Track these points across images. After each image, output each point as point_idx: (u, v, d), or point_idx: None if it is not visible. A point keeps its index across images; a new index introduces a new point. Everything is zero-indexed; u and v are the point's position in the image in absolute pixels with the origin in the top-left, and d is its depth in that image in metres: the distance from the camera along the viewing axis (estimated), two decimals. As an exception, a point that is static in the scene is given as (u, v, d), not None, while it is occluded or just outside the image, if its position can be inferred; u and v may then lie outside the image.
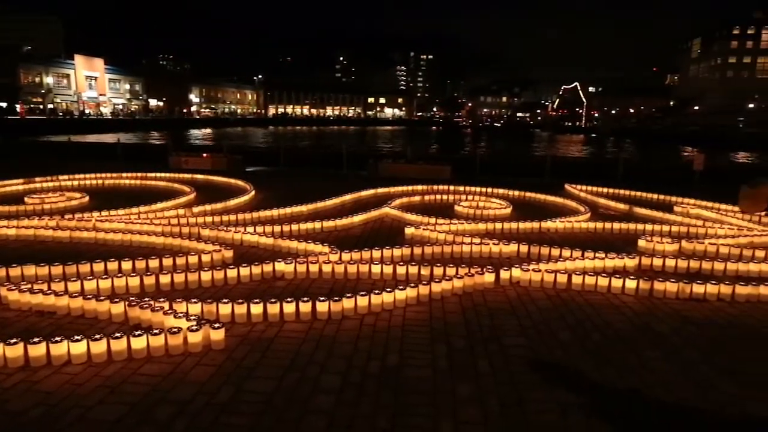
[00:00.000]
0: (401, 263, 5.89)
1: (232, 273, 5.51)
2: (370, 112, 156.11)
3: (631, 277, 5.61)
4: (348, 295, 4.78)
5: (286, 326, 4.47)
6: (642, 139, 68.67)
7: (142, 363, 3.75)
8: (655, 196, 11.70)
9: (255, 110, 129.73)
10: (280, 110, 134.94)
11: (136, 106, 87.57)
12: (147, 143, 36.52)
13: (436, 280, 5.29)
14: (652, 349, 4.17)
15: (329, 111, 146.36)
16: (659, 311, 5.03)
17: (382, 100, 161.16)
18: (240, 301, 4.57)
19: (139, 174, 13.21)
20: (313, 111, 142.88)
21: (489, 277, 5.58)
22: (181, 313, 4.30)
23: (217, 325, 4.05)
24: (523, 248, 6.79)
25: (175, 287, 5.29)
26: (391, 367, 3.78)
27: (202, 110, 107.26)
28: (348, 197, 10.66)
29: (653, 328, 4.62)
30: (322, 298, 4.67)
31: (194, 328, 3.95)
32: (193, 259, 5.96)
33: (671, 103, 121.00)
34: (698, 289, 5.41)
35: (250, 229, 7.49)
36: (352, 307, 4.73)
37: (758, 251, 6.89)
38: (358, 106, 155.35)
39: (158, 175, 13.36)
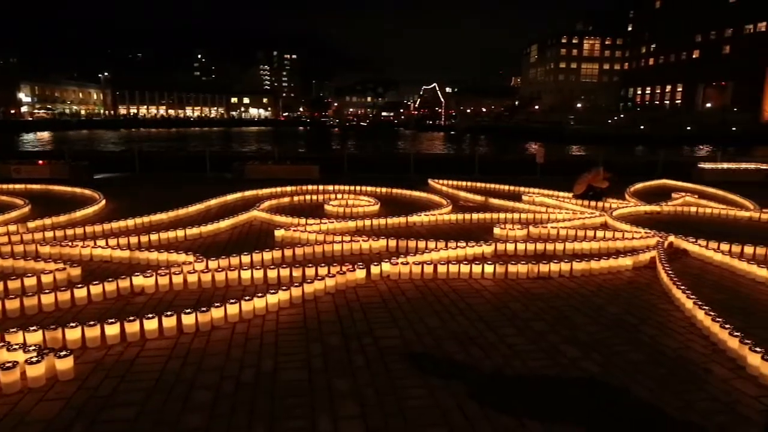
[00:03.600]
0: (272, 266, 5.76)
1: (80, 292, 4.94)
2: (234, 113, 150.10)
3: (489, 262, 6.13)
4: (216, 304, 4.56)
5: (148, 345, 4.13)
6: (494, 135, 75.27)
7: (-33, 408, 3.20)
8: (506, 187, 12.89)
9: (102, 111, 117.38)
10: (133, 111, 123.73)
11: (-54, 107, 74.28)
12: (-36, 150, 31.10)
13: (309, 280, 5.27)
14: (509, 326, 4.60)
15: (189, 112, 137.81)
16: (513, 291, 5.56)
17: (246, 100, 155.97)
18: (91, 323, 4.11)
19: (-46, 187, 11.22)
20: (171, 112, 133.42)
21: (360, 274, 5.71)
22: (17, 344, 3.75)
23: (63, 353, 3.60)
24: (392, 243, 7.04)
25: (7, 315, 4.59)
26: (266, 372, 3.69)
27: (36, 111, 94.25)
28: (213, 202, 10.15)
29: (509, 306, 5.09)
30: (188, 310, 4.40)
31: (34, 359, 3.47)
32: (30, 281, 5.23)
33: (516, 102, 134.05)
34: (544, 268, 6.08)
35: (101, 242, 6.77)
36: (221, 316, 4.52)
37: (589, 231, 7.95)
38: (221, 106, 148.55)
39: (-20, 187, 11.46)
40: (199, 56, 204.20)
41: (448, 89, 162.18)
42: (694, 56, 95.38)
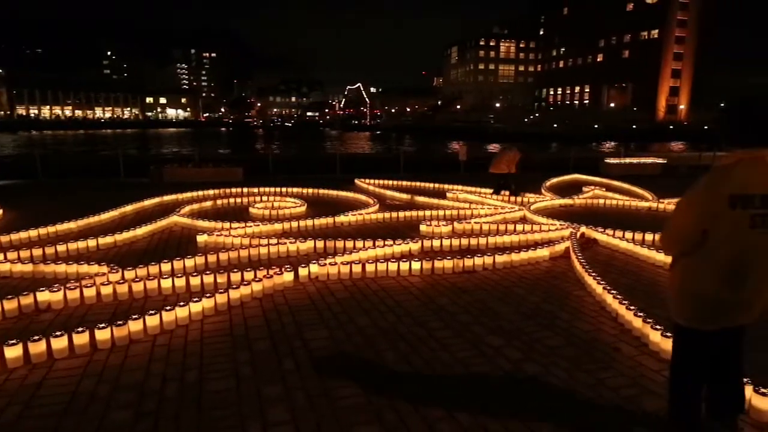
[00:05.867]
0: (195, 273, 5.53)
1: (-25, 313, 4.48)
2: (150, 114, 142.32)
3: (416, 259, 6.24)
4: (134, 316, 4.31)
5: (57, 365, 3.82)
6: (419, 135, 76.78)
7: None
8: (431, 185, 13.20)
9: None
10: (33, 112, 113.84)
11: None
12: None
13: (234, 286, 5.11)
14: (436, 320, 4.72)
15: (99, 113, 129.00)
16: (440, 286, 5.71)
17: (163, 100, 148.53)
18: (-11, 345, 3.75)
19: None
20: (78, 113, 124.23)
21: (288, 276, 5.61)
22: None
23: (-44, 380, 3.26)
24: (320, 244, 6.99)
25: None
26: (191, 384, 3.54)
27: None
28: (128, 208, 9.57)
29: (435, 301, 5.22)
30: (102, 325, 4.12)
31: None
32: None
33: (439, 102, 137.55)
34: (468, 262, 6.29)
35: (-2, 256, 6.18)
36: (140, 329, 4.27)
37: (509, 225, 8.33)
38: (135, 106, 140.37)
39: None
40: (109, 53, 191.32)
41: (372, 89, 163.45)
42: (598, 59, 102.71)
